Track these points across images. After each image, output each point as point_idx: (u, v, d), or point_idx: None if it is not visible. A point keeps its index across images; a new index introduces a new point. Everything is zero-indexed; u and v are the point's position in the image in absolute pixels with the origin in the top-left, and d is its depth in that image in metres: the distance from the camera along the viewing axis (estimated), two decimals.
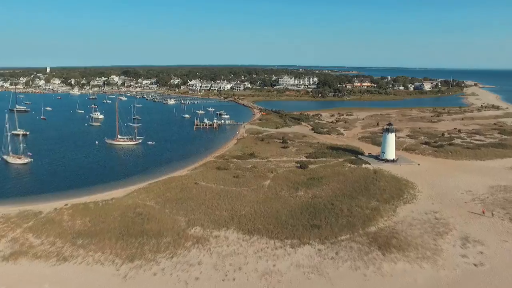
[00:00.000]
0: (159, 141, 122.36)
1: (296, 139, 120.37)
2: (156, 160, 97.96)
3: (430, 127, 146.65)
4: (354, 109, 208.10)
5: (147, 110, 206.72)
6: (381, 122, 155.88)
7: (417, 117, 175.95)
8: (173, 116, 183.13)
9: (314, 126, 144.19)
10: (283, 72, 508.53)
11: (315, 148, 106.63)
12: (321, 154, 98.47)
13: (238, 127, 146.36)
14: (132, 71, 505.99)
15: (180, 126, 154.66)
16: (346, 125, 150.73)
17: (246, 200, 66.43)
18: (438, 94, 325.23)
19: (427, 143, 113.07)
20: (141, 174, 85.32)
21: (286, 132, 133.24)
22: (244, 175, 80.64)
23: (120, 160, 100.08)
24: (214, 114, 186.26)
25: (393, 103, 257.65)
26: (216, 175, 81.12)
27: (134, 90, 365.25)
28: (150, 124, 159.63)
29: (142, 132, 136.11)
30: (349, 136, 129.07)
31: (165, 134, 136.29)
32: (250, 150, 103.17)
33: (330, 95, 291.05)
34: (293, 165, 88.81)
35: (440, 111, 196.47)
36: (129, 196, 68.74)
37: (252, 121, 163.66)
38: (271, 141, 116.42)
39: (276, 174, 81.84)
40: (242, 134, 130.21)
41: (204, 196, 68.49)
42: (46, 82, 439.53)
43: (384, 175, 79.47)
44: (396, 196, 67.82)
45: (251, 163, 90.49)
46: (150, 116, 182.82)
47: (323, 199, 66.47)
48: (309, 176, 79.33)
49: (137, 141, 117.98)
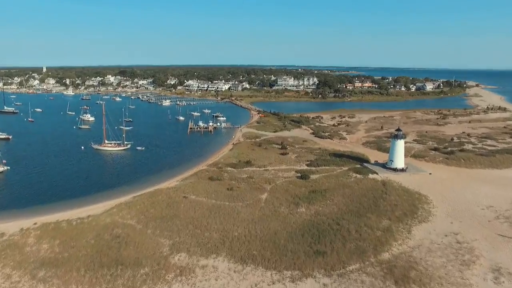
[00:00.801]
0: (150, 146, 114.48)
1: (296, 144, 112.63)
2: (143, 169, 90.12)
3: (437, 131, 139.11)
4: (356, 110, 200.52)
5: (141, 112, 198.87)
6: (385, 125, 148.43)
7: (422, 120, 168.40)
8: (167, 118, 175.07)
9: (315, 130, 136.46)
10: (282, 72, 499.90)
11: (317, 155, 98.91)
12: (323, 162, 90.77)
13: (234, 131, 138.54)
14: (129, 71, 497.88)
15: (174, 129, 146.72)
16: (349, 128, 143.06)
17: (240, 218, 58.69)
18: (440, 95, 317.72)
19: (436, 149, 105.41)
20: (126, 185, 77.53)
21: (285, 136, 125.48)
22: (239, 187, 72.89)
23: (105, 168, 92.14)
24: (210, 116, 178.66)
25: (395, 104, 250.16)
26: (208, 187, 73.34)
27: (130, 90, 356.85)
28: (142, 127, 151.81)
29: (132, 136, 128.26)
30: (352, 141, 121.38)
31: (157, 138, 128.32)
32: (246, 157, 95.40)
33: (330, 96, 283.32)
34: (293, 175, 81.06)
35: (446, 113, 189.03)
36: (108, 213, 60.93)
37: (250, 123, 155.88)
38: (269, 147, 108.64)
39: (274, 185, 74.09)
40: (239, 138, 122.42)
41: (192, 213, 60.74)
42: (40, 82, 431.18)
43: (394, 188, 71.76)
44: (410, 213, 60.17)
45: (247, 173, 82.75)
46: (143, 118, 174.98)
47: (327, 217, 58.72)
48: (310, 189, 71.62)
49: (126, 146, 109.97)
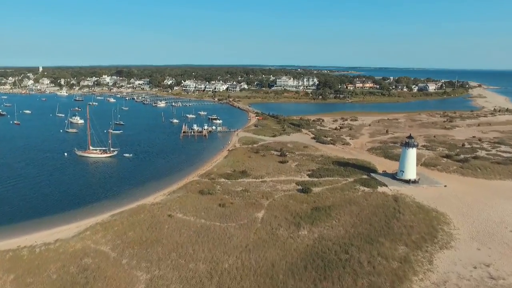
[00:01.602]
0: (138, 152, 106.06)
1: (296, 150, 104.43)
2: (128, 180, 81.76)
3: (445, 135, 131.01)
4: (358, 113, 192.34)
5: (134, 114, 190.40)
6: (390, 129, 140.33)
7: (428, 123, 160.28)
8: (161, 121, 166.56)
9: (316, 134, 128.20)
10: (281, 72, 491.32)
11: (319, 163, 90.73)
12: (326, 172, 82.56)
13: (230, 135, 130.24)
14: (126, 71, 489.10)
15: (166, 133, 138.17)
16: (352, 132, 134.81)
17: (232, 244, 50.50)
18: (443, 96, 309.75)
19: (448, 156, 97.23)
20: (106, 200, 69.25)
21: (285, 141, 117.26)
22: (233, 203, 64.71)
23: (87, 179, 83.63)
24: (206, 118, 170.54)
25: (398, 105, 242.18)
26: (197, 202, 65.14)
27: (125, 91, 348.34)
28: (133, 130, 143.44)
29: (122, 141, 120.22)
30: (356, 146, 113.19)
31: (147, 143, 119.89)
32: (242, 166, 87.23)
33: (331, 97, 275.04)
34: (293, 187, 72.88)
35: (452, 116, 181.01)
36: (80, 237, 52.70)
37: (247, 127, 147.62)
38: (267, 154, 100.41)
39: (272, 201, 65.90)
40: (234, 144, 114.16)
41: (177, 236, 52.52)
42: (35, 82, 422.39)
43: (407, 204, 63.57)
44: (429, 237, 52.00)
45: (242, 185, 74.53)
46: (136, 121, 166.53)
47: (333, 242, 50.54)
48: (313, 205, 63.45)
49: (112, 153, 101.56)
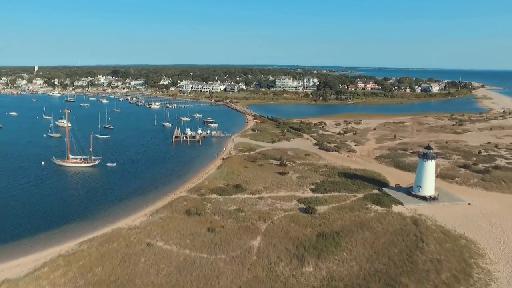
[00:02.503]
0: (124, 161, 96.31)
1: (297, 159, 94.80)
2: (107, 195, 72.07)
3: (457, 140, 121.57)
4: (362, 115, 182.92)
5: (125, 116, 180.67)
6: (397, 134, 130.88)
7: (437, 126, 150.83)
8: (153, 124, 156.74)
9: (318, 140, 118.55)
10: (280, 72, 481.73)
11: (323, 174, 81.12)
12: (331, 186, 72.98)
13: (226, 141, 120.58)
14: (122, 70, 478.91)
15: (157, 138, 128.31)
16: (357, 137, 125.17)
17: (221, 285, 40.90)
18: (448, 97, 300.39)
19: (466, 166, 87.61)
20: (77, 222, 59.60)
21: (285, 148, 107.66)
22: (224, 226, 55.16)
23: (60, 194, 73.70)
24: (201, 122, 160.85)
25: (402, 107, 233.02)
26: (182, 226, 55.54)
27: (120, 91, 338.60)
28: (122, 135, 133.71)
29: (108, 147, 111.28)
30: (363, 153, 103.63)
31: (135, 150, 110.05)
32: (237, 179, 77.64)
33: (332, 98, 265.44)
34: (294, 206, 63.31)
35: (461, 119, 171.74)
36: (35, 275, 43.06)
37: (244, 131, 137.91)
38: (266, 163, 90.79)
39: (270, 224, 56.32)
40: (230, 151, 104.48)
41: (154, 275, 42.89)
42: (28, 82, 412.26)
43: (430, 229, 53.95)
44: (462, 276, 42.51)
45: (235, 202, 64.95)
46: (126, 124, 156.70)
47: (345, 283, 40.98)
48: (319, 229, 53.90)
49: (93, 162, 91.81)
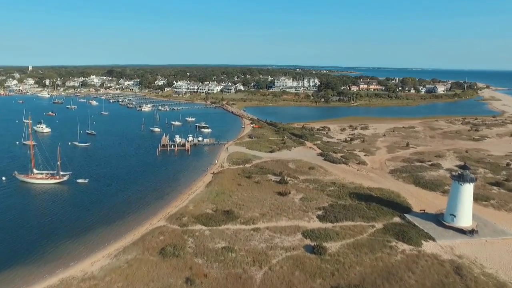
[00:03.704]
0: (98, 177, 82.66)
1: (299, 174, 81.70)
2: (67, 224, 58.65)
3: (478, 149, 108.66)
4: (368, 119, 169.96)
5: (112, 120, 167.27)
6: (410, 141, 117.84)
7: (451, 132, 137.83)
8: (140, 128, 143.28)
9: (323, 149, 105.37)
10: (279, 72, 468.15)
11: (331, 195, 68.05)
12: (343, 211, 60.01)
13: (219, 149, 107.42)
14: (118, 70, 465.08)
15: (142, 147, 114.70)
16: (366, 146, 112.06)
17: None
18: (454, 98, 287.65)
19: (499, 184, 74.53)
20: (19, 266, 46.33)
21: (285, 159, 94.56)
22: (207, 275, 42.14)
23: (11, 222, 60.22)
24: (193, 126, 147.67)
25: (408, 110, 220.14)
26: (153, 274, 42.48)
27: (113, 92, 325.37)
28: (104, 142, 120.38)
29: (85, 157, 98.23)
30: (374, 166, 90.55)
31: (115, 161, 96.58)
32: (228, 201, 64.58)
33: (334, 99, 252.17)
34: (298, 243, 50.20)
35: (475, 122, 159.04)
36: None
37: (240, 137, 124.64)
38: (263, 179, 77.65)
39: (268, 271, 43.26)
40: (222, 163, 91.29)
41: None
42: (19, 82, 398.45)
43: (480, 282, 40.87)
44: None
45: (224, 236, 51.86)
46: (112, 129, 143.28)
47: None
48: (332, 282, 40.93)
49: (61, 178, 78.37)
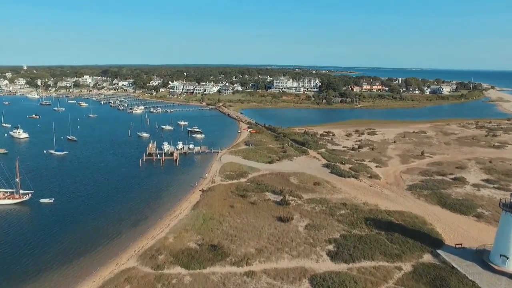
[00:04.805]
0: (66, 196, 70.14)
1: (303, 191, 69.76)
2: (14, 262, 46.82)
3: (502, 159, 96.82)
4: (374, 122, 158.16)
5: (99, 124, 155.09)
6: (424, 148, 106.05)
7: (467, 138, 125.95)
8: (127, 134, 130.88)
9: (328, 159, 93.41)
10: (279, 72, 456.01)
11: (343, 221, 56.07)
12: (359, 245, 48.08)
13: (211, 159, 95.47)
14: (114, 70, 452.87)
15: (126, 156, 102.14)
16: (376, 154, 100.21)
17: None
18: (461, 100, 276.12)
19: None
20: None
21: (286, 171, 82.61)
22: None
23: None
24: (185, 131, 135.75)
25: (415, 112, 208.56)
26: None
27: (106, 92, 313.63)
28: (85, 150, 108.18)
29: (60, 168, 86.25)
30: (389, 180, 78.59)
31: (90, 176, 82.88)
32: (217, 230, 52.64)
33: (336, 101, 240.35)
34: None
35: (490, 127, 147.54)
36: None
37: (235, 145, 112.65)
38: (260, 198, 65.70)
39: None
40: (213, 177, 79.26)
41: None
42: (10, 82, 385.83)
43: None
44: None
45: (209, 286, 39.87)
46: (96, 134, 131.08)
47: None
48: None
49: (21, 198, 66.28)
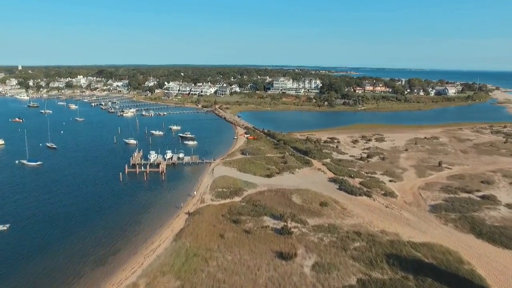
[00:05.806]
0: (27, 220, 59.15)
1: (308, 215, 58.72)
2: None
3: None
4: (380, 126, 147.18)
5: (85, 129, 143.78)
6: (441, 158, 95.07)
7: (484, 144, 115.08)
8: (113, 140, 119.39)
9: (335, 172, 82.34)
10: (278, 72, 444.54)
11: (359, 259, 45.15)
12: None
13: (202, 172, 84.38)
14: (109, 70, 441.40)
15: (108, 167, 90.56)
16: (387, 165, 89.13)
17: None
18: (468, 101, 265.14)
19: None
20: None
21: (287, 187, 71.59)
22: None
23: None
24: (176, 137, 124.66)
25: (422, 115, 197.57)
26: None
27: (100, 93, 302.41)
28: (61, 160, 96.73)
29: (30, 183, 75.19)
30: (407, 199, 67.61)
31: (61, 194, 71.43)
32: (201, 274, 41.60)
33: (338, 103, 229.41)
34: None
35: (506, 132, 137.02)
36: None
37: (230, 154, 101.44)
38: (257, 225, 54.70)
39: None
40: (203, 194, 68.26)
41: None
42: (1, 83, 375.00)
43: None
44: None
45: None
46: (79, 141, 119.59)
47: None
48: None
49: None
